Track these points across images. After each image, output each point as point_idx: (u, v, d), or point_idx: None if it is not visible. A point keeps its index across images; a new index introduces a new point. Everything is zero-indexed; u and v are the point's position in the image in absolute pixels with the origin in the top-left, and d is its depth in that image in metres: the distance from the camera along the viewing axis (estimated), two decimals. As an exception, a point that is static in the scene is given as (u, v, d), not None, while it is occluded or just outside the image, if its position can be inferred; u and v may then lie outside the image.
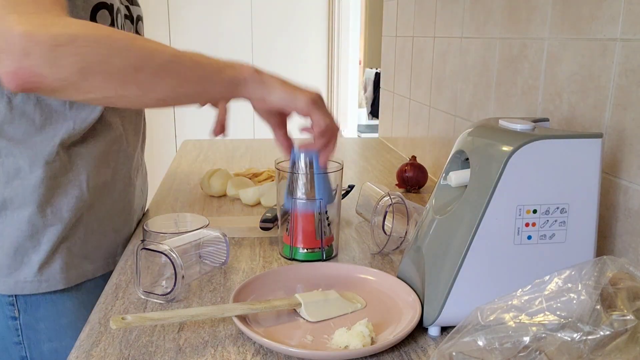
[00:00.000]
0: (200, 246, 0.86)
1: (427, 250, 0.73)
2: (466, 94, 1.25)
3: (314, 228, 0.90)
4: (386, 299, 0.78)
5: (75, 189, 0.88)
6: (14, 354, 0.90)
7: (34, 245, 0.86)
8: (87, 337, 0.69)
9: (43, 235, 0.86)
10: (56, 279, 0.88)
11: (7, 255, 0.85)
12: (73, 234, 0.89)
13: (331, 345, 0.67)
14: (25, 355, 0.90)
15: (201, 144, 1.88)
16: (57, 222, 0.87)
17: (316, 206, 0.89)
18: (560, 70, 0.89)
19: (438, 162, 1.44)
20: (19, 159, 0.83)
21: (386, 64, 1.95)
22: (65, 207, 0.87)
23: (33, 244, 0.86)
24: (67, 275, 0.89)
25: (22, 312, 0.88)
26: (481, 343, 0.51)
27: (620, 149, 0.76)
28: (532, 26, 0.97)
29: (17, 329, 0.88)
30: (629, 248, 0.76)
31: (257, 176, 1.35)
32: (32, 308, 0.88)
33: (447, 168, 0.76)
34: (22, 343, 0.89)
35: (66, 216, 0.87)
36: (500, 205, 0.66)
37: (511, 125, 0.70)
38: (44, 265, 0.87)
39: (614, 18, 0.77)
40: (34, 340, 0.89)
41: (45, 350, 0.90)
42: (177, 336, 0.69)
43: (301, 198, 0.88)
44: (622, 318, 0.49)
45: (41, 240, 0.86)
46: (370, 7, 4.69)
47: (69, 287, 0.89)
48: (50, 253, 0.87)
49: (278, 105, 0.76)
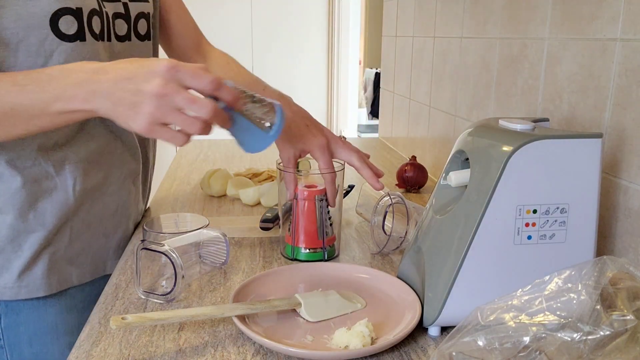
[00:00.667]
0: (200, 246, 0.86)
1: (427, 250, 0.73)
2: (466, 94, 1.25)
3: (316, 228, 0.90)
4: (386, 299, 0.78)
5: (60, 194, 0.85)
6: None
7: (15, 250, 0.83)
8: (87, 337, 0.69)
9: (25, 241, 0.83)
10: (37, 285, 0.85)
11: None
12: (57, 239, 0.86)
13: (331, 345, 0.67)
14: (6, 358, 0.87)
15: (201, 144, 1.88)
16: (39, 227, 0.84)
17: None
18: (560, 70, 0.89)
19: (438, 162, 1.44)
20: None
21: (386, 64, 1.95)
22: (49, 212, 0.84)
23: (14, 249, 0.83)
24: (48, 281, 0.86)
25: (2, 315, 0.85)
26: (481, 343, 0.51)
27: (620, 149, 0.76)
28: (532, 26, 0.97)
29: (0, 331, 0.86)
30: (629, 248, 0.76)
31: (257, 176, 1.35)
32: (13, 312, 0.86)
33: (447, 168, 0.76)
34: (4, 347, 0.87)
35: (50, 221, 0.85)
36: (500, 205, 0.66)
37: (511, 125, 0.70)
38: (25, 271, 0.84)
39: (614, 18, 0.77)
40: (15, 344, 0.87)
41: (26, 353, 0.88)
42: (177, 336, 0.69)
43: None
44: (622, 318, 0.49)
45: (23, 245, 0.83)
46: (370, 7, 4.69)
47: (50, 294, 0.87)
48: (32, 259, 0.84)
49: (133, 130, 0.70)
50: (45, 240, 0.85)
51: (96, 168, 0.89)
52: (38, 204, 0.83)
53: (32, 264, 0.84)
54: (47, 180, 0.84)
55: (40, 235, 0.84)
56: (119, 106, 0.67)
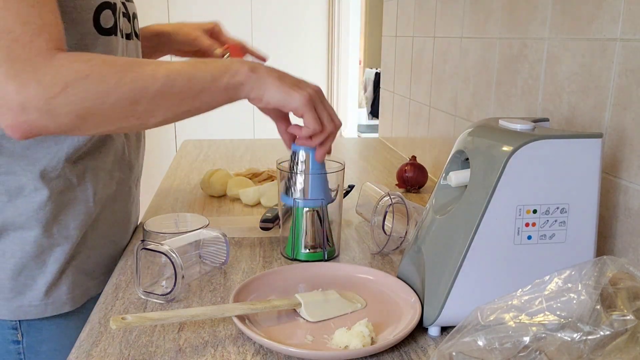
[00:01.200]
0: (200, 246, 0.86)
1: (427, 250, 0.73)
2: (466, 94, 1.25)
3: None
4: (386, 299, 0.78)
5: (82, 205, 0.84)
6: None
7: (40, 266, 0.81)
8: (87, 337, 0.69)
9: (49, 256, 0.81)
10: (62, 301, 0.83)
11: (10, 278, 0.80)
12: (79, 251, 0.85)
13: (331, 345, 0.67)
14: None
15: (201, 144, 1.88)
16: (64, 241, 0.82)
17: (313, 205, 0.89)
18: (560, 70, 0.89)
19: (438, 162, 1.44)
20: (21, 176, 0.78)
21: (386, 64, 1.95)
22: (72, 224, 0.83)
23: (39, 266, 0.81)
24: (73, 295, 0.84)
25: (25, 335, 0.83)
26: (481, 343, 0.51)
27: (620, 149, 0.76)
28: (532, 26, 0.97)
29: (20, 352, 0.83)
30: (629, 248, 0.76)
31: (257, 176, 1.35)
32: (35, 331, 0.83)
33: (447, 168, 0.76)
34: None
35: (73, 234, 0.83)
36: (500, 205, 0.66)
37: (511, 125, 0.70)
38: (52, 288, 0.82)
39: (614, 18, 0.77)
40: None
41: None
42: (177, 336, 0.69)
43: (299, 198, 0.88)
44: (622, 318, 0.49)
45: (47, 261, 0.81)
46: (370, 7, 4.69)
47: (74, 308, 0.85)
48: (58, 274, 0.82)
49: (274, 104, 0.77)
50: (69, 253, 0.83)
51: (109, 176, 0.89)
52: (61, 217, 0.82)
53: (58, 279, 0.82)
54: (69, 191, 0.82)
55: (64, 249, 0.82)
56: (284, 80, 0.77)
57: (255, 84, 0.75)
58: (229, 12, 3.18)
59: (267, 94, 0.76)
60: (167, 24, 1.11)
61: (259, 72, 0.76)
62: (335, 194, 0.91)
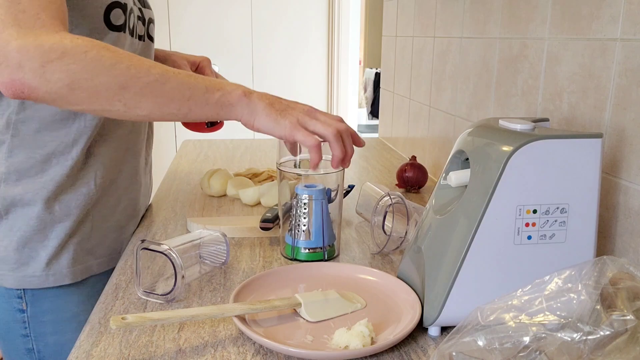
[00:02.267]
0: (200, 246, 0.86)
1: (427, 250, 0.73)
2: (466, 94, 1.25)
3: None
4: (386, 299, 0.78)
5: (84, 187, 0.90)
6: (21, 346, 0.92)
7: (42, 240, 0.88)
8: (87, 337, 0.69)
9: (51, 231, 0.88)
10: (63, 274, 0.90)
11: (16, 250, 0.88)
12: (80, 229, 0.91)
13: (331, 345, 0.67)
14: (32, 347, 0.92)
15: (201, 144, 1.88)
16: (65, 218, 0.89)
17: (316, 244, 0.91)
18: (560, 70, 0.89)
19: (438, 162, 1.44)
20: (31, 158, 0.85)
21: (386, 64, 1.95)
22: (73, 203, 0.89)
23: (41, 239, 0.88)
24: (73, 270, 0.91)
25: (29, 304, 0.90)
26: (481, 343, 0.51)
27: (620, 149, 0.76)
28: (532, 26, 0.97)
29: (25, 321, 0.90)
30: (629, 248, 0.76)
31: (257, 176, 1.35)
32: (38, 301, 0.90)
33: (447, 168, 0.76)
34: (30, 335, 0.91)
35: (74, 212, 0.89)
36: (500, 205, 0.66)
37: (511, 125, 0.70)
38: (52, 260, 0.89)
39: (614, 18, 0.77)
40: (39, 333, 0.91)
41: (50, 342, 0.92)
42: (177, 336, 0.69)
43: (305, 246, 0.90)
44: (622, 318, 0.49)
45: (49, 235, 0.88)
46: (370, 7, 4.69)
47: (75, 281, 0.91)
48: (59, 248, 0.89)
49: (264, 131, 0.79)
50: (70, 230, 0.90)
51: (113, 163, 0.94)
52: (63, 196, 0.88)
53: (58, 253, 0.89)
54: (76, 174, 0.88)
55: (66, 226, 0.89)
56: (274, 106, 0.78)
57: (246, 109, 0.78)
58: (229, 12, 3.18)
59: (257, 120, 0.78)
60: (160, 49, 1.14)
61: (251, 97, 0.78)
62: (336, 194, 0.91)
